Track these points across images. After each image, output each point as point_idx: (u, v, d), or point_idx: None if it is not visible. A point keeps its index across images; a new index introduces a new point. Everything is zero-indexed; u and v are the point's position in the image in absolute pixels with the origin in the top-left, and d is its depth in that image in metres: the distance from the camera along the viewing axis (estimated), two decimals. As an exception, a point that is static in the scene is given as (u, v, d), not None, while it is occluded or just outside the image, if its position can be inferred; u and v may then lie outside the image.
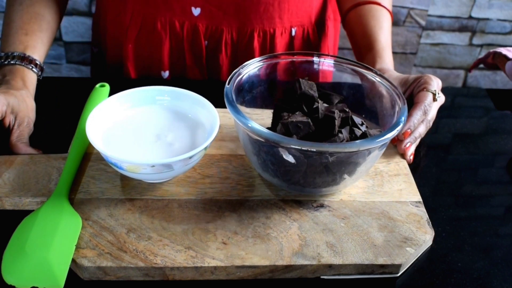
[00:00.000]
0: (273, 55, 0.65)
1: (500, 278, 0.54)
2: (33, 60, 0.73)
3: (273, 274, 0.52)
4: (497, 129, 0.77)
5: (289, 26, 0.87)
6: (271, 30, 0.86)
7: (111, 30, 0.89)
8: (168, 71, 0.90)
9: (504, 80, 1.66)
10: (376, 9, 0.85)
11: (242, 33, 0.85)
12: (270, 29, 0.86)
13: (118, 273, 0.50)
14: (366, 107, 0.64)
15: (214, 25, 0.84)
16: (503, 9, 1.51)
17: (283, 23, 0.86)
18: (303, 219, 0.56)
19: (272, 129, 0.59)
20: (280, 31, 0.86)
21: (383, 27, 0.82)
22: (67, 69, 1.51)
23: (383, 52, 0.78)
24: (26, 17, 0.77)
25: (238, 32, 0.85)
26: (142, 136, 0.59)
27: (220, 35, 0.85)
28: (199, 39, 0.86)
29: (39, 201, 0.56)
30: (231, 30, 0.85)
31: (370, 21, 0.83)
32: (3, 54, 0.73)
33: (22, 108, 0.66)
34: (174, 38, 0.86)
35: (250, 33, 0.85)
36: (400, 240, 0.54)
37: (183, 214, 0.55)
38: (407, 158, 0.64)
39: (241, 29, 0.85)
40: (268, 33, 0.86)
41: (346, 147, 0.51)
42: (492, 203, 0.64)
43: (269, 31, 0.86)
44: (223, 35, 0.85)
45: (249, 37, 0.86)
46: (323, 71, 0.66)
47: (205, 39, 0.86)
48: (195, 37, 0.86)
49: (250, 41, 0.86)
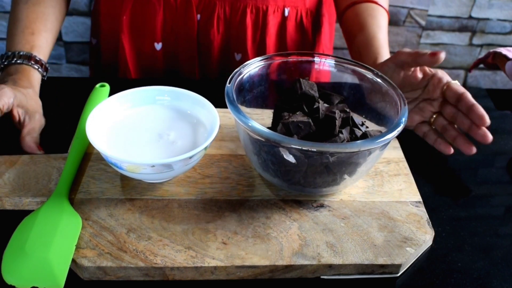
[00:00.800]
0: (274, 55, 0.65)
1: (500, 278, 0.54)
2: (39, 60, 0.73)
3: (273, 274, 0.52)
4: (497, 129, 0.77)
5: (282, 5, 0.87)
6: (264, 7, 0.86)
7: (107, 3, 0.89)
8: (161, 42, 0.90)
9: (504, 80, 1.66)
10: (373, 7, 0.85)
11: (235, 8, 0.86)
12: (263, 5, 0.86)
13: (118, 273, 0.50)
14: (366, 108, 0.64)
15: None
16: (503, 9, 1.51)
17: (276, 1, 0.87)
18: (303, 219, 0.56)
19: (272, 129, 0.59)
20: (272, 9, 0.87)
21: (380, 25, 0.82)
22: (67, 69, 1.51)
23: (382, 50, 0.78)
24: (32, 16, 0.77)
25: (231, 7, 0.86)
26: (143, 136, 0.59)
27: (212, 9, 0.86)
28: (191, 12, 0.86)
29: (39, 201, 0.56)
30: (224, 4, 0.86)
31: (368, 19, 0.83)
32: (10, 53, 0.73)
33: (31, 104, 0.66)
34: (167, 10, 0.87)
35: (243, 9, 0.86)
36: (400, 240, 0.54)
37: (183, 214, 0.55)
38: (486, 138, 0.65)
39: (234, 4, 0.86)
40: (260, 10, 0.87)
41: (346, 148, 0.51)
42: (492, 203, 0.64)
43: (261, 8, 0.86)
44: (215, 9, 0.86)
45: (241, 13, 0.86)
46: (323, 71, 0.66)
47: (198, 12, 0.87)
48: (188, 10, 0.86)
49: (242, 18, 0.87)
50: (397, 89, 0.60)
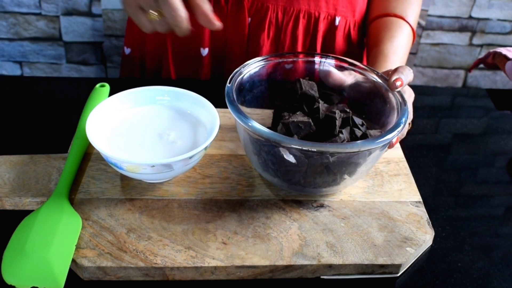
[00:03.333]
0: (274, 55, 0.65)
1: (500, 278, 0.54)
2: None
3: (273, 274, 0.52)
4: (497, 129, 0.77)
5: (333, 14, 0.86)
6: (316, 13, 0.85)
7: None
8: (208, 48, 0.89)
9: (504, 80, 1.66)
10: (394, 21, 0.83)
11: (288, 13, 0.84)
12: (315, 12, 0.85)
13: (118, 273, 0.50)
14: (366, 108, 0.64)
15: (260, 2, 0.84)
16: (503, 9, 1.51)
17: (328, 8, 0.85)
18: (303, 219, 0.56)
19: (272, 129, 0.59)
20: (324, 16, 0.86)
21: (393, 37, 0.80)
22: (67, 69, 1.51)
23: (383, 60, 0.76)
24: None
25: (284, 11, 0.84)
26: (143, 136, 0.59)
27: (265, 13, 0.84)
28: (243, 15, 0.85)
29: (39, 201, 0.56)
30: (276, 8, 0.84)
31: (382, 32, 0.82)
32: None
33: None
34: (217, 12, 0.84)
35: (296, 15, 0.85)
36: (400, 240, 0.54)
37: (183, 214, 0.55)
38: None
39: (287, 8, 0.84)
40: (313, 16, 0.85)
41: (347, 148, 0.51)
42: (492, 203, 0.64)
43: (314, 14, 0.85)
44: (268, 13, 0.84)
45: (294, 19, 0.85)
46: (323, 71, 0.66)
47: (249, 16, 0.85)
48: (239, 13, 0.85)
49: (295, 23, 0.85)
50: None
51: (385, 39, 0.80)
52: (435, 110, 0.81)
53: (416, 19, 0.86)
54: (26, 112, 0.72)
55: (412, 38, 0.84)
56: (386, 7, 0.85)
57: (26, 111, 0.72)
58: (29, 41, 1.45)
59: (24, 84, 0.81)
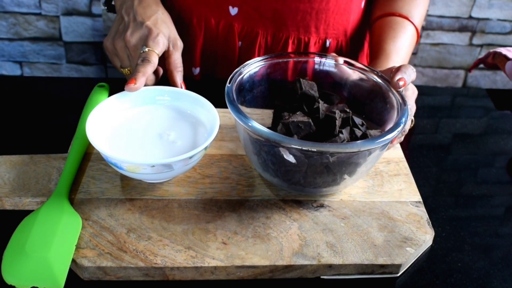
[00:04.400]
0: (274, 55, 0.65)
1: (500, 278, 0.54)
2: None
3: (273, 274, 0.52)
4: (497, 129, 0.77)
5: (323, 37, 0.86)
6: (306, 39, 0.85)
7: None
8: (199, 67, 0.90)
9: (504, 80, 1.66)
10: (398, 21, 0.82)
11: (277, 38, 0.85)
12: (305, 37, 0.85)
13: (118, 273, 0.50)
14: (366, 108, 0.64)
15: (250, 27, 0.84)
16: (503, 9, 1.51)
17: (319, 33, 0.86)
18: (303, 219, 0.56)
19: (272, 129, 0.59)
20: (314, 40, 0.86)
21: (396, 37, 0.80)
22: (67, 69, 1.51)
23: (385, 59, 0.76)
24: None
25: (273, 36, 0.85)
26: (143, 136, 0.59)
27: (255, 37, 0.85)
28: (233, 39, 0.85)
29: (39, 201, 0.56)
30: (266, 33, 0.85)
31: (385, 32, 0.81)
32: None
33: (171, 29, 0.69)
34: (208, 35, 0.86)
35: (285, 39, 0.85)
36: (400, 240, 0.54)
37: (183, 214, 0.55)
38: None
39: (277, 34, 0.85)
40: (302, 41, 0.85)
41: (347, 148, 0.51)
42: (492, 203, 0.64)
43: (303, 40, 0.85)
44: (257, 37, 0.85)
45: (283, 44, 0.85)
46: (323, 71, 0.66)
47: (239, 40, 0.86)
48: (230, 36, 0.85)
49: (284, 48, 0.86)
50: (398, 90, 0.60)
51: (388, 39, 0.79)
52: (435, 110, 0.81)
53: (421, 20, 0.86)
54: (26, 112, 0.72)
55: (416, 39, 0.84)
56: (392, 7, 0.85)
57: (26, 111, 0.72)
58: (29, 41, 1.45)
59: (24, 84, 0.81)
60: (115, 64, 0.73)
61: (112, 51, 0.71)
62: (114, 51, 0.70)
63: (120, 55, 0.70)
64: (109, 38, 0.71)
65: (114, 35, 0.70)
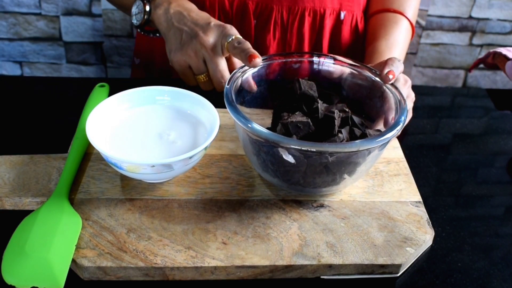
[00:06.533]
0: (274, 55, 0.65)
1: (500, 278, 0.54)
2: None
3: (273, 274, 0.52)
4: (497, 129, 0.77)
5: (338, 8, 0.86)
6: (322, 10, 0.85)
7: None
8: None
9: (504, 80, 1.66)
10: (391, 18, 0.83)
11: (293, 12, 0.84)
12: (320, 8, 0.85)
13: (118, 273, 0.50)
14: (366, 107, 0.64)
15: (264, 3, 0.84)
16: (503, 9, 1.51)
17: (333, 3, 0.85)
18: (303, 219, 0.56)
19: (272, 129, 0.59)
20: (329, 12, 0.85)
21: (388, 34, 0.80)
22: (67, 69, 1.51)
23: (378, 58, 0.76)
24: None
25: (289, 11, 0.84)
26: (143, 136, 0.59)
27: (269, 14, 0.85)
28: (248, 18, 0.85)
29: (39, 201, 0.56)
30: (281, 8, 0.84)
31: (378, 29, 0.81)
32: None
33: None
34: (223, 16, 0.86)
35: (301, 13, 0.84)
36: (400, 240, 0.54)
37: (183, 214, 0.55)
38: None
39: (292, 8, 0.84)
40: (318, 13, 0.85)
41: (346, 147, 0.51)
42: (492, 203, 0.64)
43: (319, 11, 0.85)
44: (272, 13, 0.84)
45: (300, 18, 0.85)
46: (323, 71, 0.66)
47: (254, 18, 0.85)
48: (244, 15, 0.85)
49: (301, 22, 0.85)
50: (396, 88, 0.60)
51: (380, 37, 0.80)
52: (435, 110, 0.81)
53: (415, 13, 0.86)
54: (26, 112, 0.72)
55: (411, 33, 0.84)
56: (384, 2, 0.85)
57: (26, 111, 0.72)
58: (29, 41, 1.45)
59: (24, 84, 0.81)
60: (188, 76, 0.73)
61: (184, 63, 0.71)
62: (187, 60, 0.70)
63: (194, 61, 0.70)
64: (176, 52, 0.71)
65: (181, 46, 0.71)
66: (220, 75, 0.69)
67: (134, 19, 0.77)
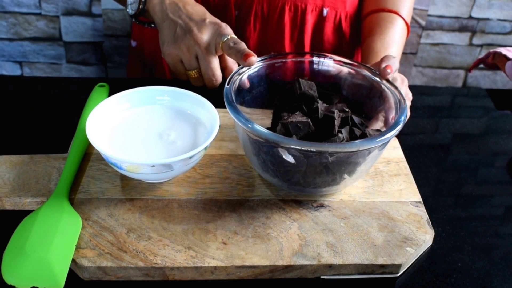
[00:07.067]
0: (273, 55, 0.65)
1: (500, 278, 0.54)
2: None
3: (273, 274, 0.52)
4: (497, 129, 0.77)
5: (320, 5, 0.86)
6: (303, 5, 0.85)
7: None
8: None
9: (504, 80, 1.66)
10: (385, 17, 0.82)
11: (273, 5, 0.85)
12: (301, 4, 0.85)
13: (118, 273, 0.50)
14: (366, 107, 0.64)
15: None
16: (503, 9, 1.51)
17: (315, 0, 0.85)
18: (303, 219, 0.56)
19: (272, 129, 0.59)
20: (311, 8, 0.85)
21: (383, 34, 0.80)
22: (67, 69, 1.51)
23: (373, 58, 0.76)
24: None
25: (269, 4, 0.85)
26: (143, 136, 0.59)
27: (250, 6, 0.85)
28: (229, 9, 0.85)
29: (39, 201, 0.56)
30: (261, 1, 0.84)
31: (373, 29, 0.81)
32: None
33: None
34: (205, 6, 0.86)
35: (281, 7, 0.84)
36: (400, 240, 0.54)
37: (183, 214, 0.55)
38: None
39: (272, 2, 0.84)
40: (299, 8, 0.85)
41: (345, 147, 0.51)
42: (492, 203, 0.64)
43: (300, 7, 0.85)
44: (253, 5, 0.85)
45: (280, 11, 0.85)
46: (323, 71, 0.66)
47: (235, 9, 0.86)
48: (226, 6, 0.85)
49: (280, 16, 0.85)
50: (396, 88, 0.60)
51: (376, 37, 0.80)
52: (435, 110, 0.81)
53: (410, 11, 0.86)
54: (26, 112, 0.72)
55: (406, 32, 0.84)
56: (379, 2, 0.85)
57: (26, 111, 0.72)
58: (29, 41, 1.45)
59: (24, 84, 0.81)
60: (179, 70, 0.73)
61: (176, 56, 0.71)
62: (179, 54, 0.70)
63: (186, 56, 0.70)
64: (169, 45, 0.71)
65: (174, 40, 0.70)
66: (211, 73, 0.69)
67: (129, 9, 0.77)
